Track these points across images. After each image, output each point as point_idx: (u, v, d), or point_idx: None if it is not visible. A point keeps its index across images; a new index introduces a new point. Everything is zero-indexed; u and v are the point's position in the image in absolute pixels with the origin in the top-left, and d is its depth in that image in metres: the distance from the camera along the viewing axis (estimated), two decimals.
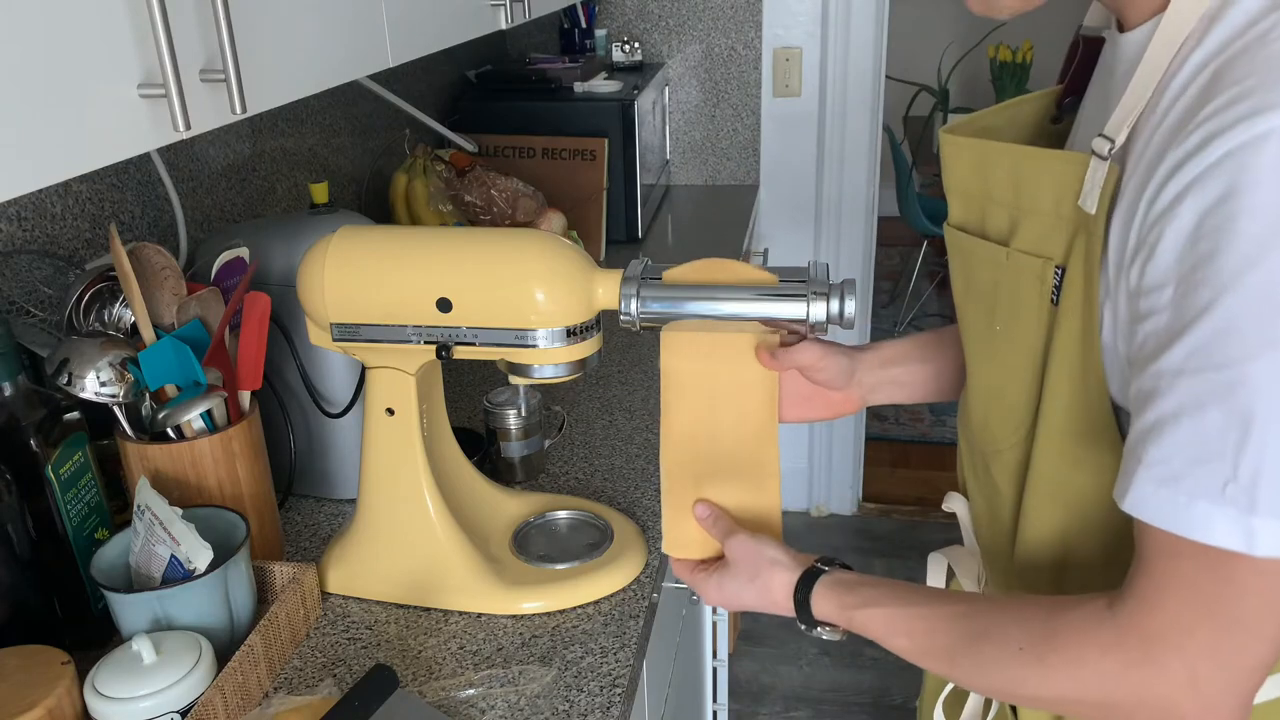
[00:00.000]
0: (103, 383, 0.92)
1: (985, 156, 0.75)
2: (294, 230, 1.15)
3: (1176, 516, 0.58)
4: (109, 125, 0.61)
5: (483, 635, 0.98)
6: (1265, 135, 0.53)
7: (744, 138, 2.62)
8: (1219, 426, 0.56)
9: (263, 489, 1.04)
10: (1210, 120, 0.56)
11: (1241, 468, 0.55)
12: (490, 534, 1.09)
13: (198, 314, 1.01)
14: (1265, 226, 0.53)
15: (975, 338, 0.82)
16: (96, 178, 1.15)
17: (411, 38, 1.03)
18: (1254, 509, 0.55)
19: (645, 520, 1.15)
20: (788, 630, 2.57)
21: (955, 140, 0.77)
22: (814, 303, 0.86)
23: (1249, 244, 0.54)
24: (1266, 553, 0.56)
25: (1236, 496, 0.56)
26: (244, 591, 0.93)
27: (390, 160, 1.88)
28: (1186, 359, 0.57)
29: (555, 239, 0.92)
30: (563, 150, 2.06)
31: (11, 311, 1.04)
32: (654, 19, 2.56)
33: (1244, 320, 0.54)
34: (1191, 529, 0.57)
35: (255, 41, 0.74)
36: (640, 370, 1.54)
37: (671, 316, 0.89)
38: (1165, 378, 0.58)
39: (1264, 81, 0.55)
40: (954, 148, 0.77)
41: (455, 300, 0.90)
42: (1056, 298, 0.70)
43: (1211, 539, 0.57)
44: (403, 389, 0.96)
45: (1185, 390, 0.57)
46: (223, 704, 0.84)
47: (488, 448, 1.25)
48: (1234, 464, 0.55)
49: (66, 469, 0.91)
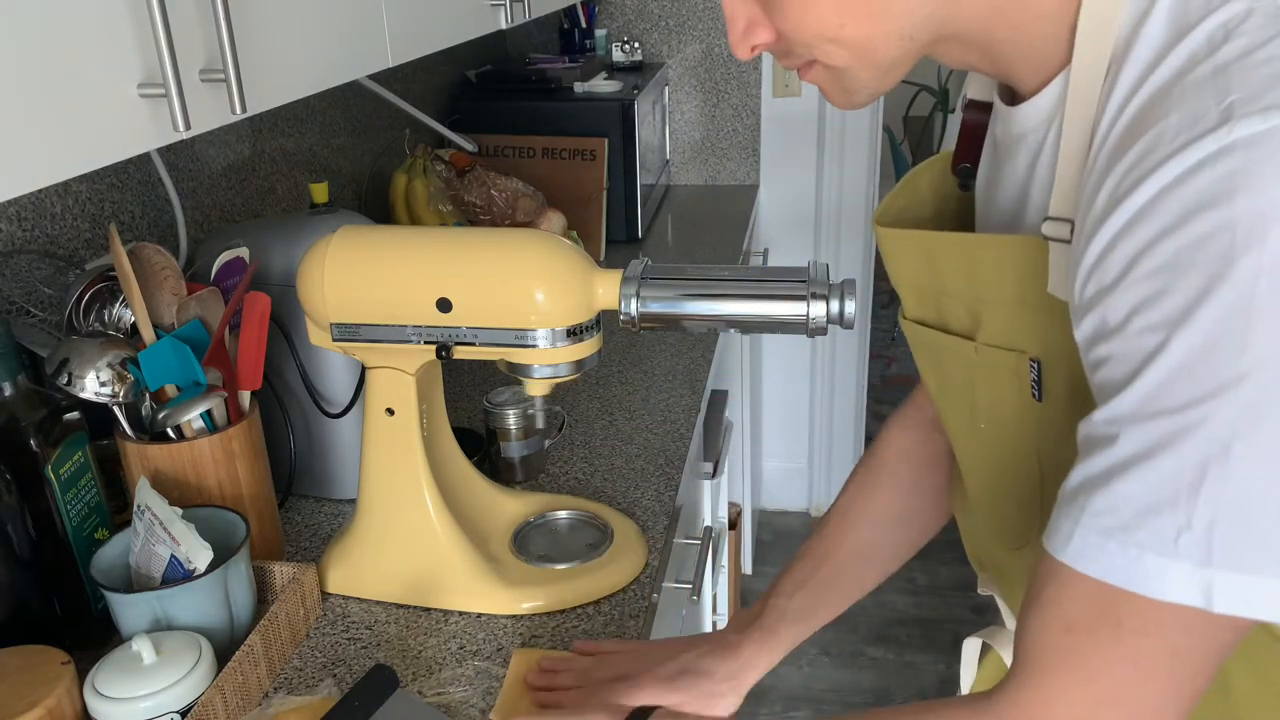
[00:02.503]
0: (103, 383, 0.92)
1: (930, 247, 0.70)
2: (294, 230, 1.15)
3: (1118, 567, 0.54)
4: (109, 125, 0.61)
5: (483, 635, 0.98)
6: (1195, 169, 0.50)
7: (744, 138, 2.62)
8: (1171, 474, 0.52)
9: (263, 489, 1.04)
10: (1138, 164, 0.53)
11: (1196, 517, 0.51)
12: (490, 534, 1.09)
13: (198, 314, 1.01)
14: (1208, 267, 0.50)
15: (962, 436, 0.78)
16: (96, 178, 1.15)
17: (411, 38, 1.03)
18: (1209, 561, 0.51)
19: (645, 520, 1.15)
20: None
21: (892, 234, 0.72)
22: (814, 303, 0.86)
23: (1194, 285, 0.50)
24: (1224, 608, 0.52)
25: (1191, 547, 0.52)
26: (244, 591, 0.93)
27: (390, 160, 1.88)
28: (1139, 405, 0.53)
29: (555, 239, 0.92)
30: (563, 150, 2.06)
31: (11, 311, 1.04)
32: (654, 19, 2.56)
33: (1195, 363, 0.51)
34: (1145, 583, 0.53)
35: (255, 41, 0.74)
36: (640, 370, 1.54)
37: (672, 317, 0.89)
38: (1116, 424, 0.54)
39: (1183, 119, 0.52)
40: (890, 241, 0.72)
41: (455, 300, 0.90)
42: (1038, 393, 0.67)
43: (1165, 594, 0.53)
44: (403, 389, 0.96)
45: (1137, 437, 0.53)
46: (223, 704, 0.84)
47: (488, 448, 1.25)
48: (1188, 513, 0.52)
49: (66, 469, 0.91)
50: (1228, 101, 0.50)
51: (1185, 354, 0.51)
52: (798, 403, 2.89)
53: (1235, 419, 0.50)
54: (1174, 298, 0.51)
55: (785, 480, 2.98)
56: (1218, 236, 0.49)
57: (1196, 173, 0.50)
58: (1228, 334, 0.50)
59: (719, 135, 2.62)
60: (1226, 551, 0.51)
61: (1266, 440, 0.50)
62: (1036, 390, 0.67)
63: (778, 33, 0.64)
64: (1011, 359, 0.67)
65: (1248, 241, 0.48)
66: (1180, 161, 0.51)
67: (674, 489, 1.22)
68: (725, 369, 2.10)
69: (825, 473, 2.94)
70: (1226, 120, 0.50)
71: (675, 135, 2.63)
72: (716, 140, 2.63)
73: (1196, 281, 0.50)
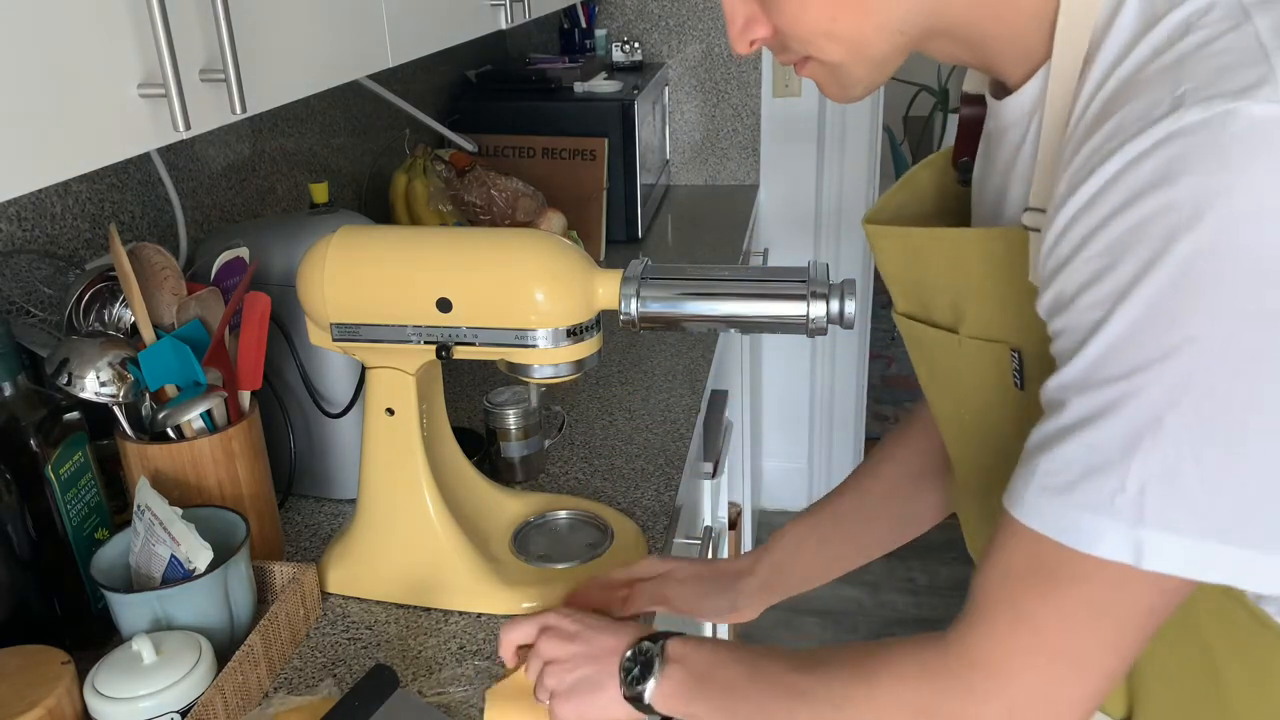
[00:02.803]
0: (103, 383, 0.92)
1: (915, 243, 0.72)
2: (294, 230, 1.15)
3: (1060, 524, 0.57)
4: (109, 125, 0.61)
5: (483, 635, 0.98)
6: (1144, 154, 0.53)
7: (744, 138, 2.62)
8: (1110, 438, 0.55)
9: (263, 489, 1.04)
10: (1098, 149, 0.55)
11: (1130, 480, 0.55)
12: (490, 534, 1.09)
13: (198, 314, 1.01)
14: (1149, 246, 0.52)
15: (950, 426, 0.80)
16: (96, 178, 1.15)
17: (411, 38, 1.03)
18: (1141, 521, 0.55)
19: (645, 520, 1.15)
20: (787, 629, 2.57)
21: (878, 230, 0.74)
22: (814, 302, 0.86)
23: (1136, 263, 0.53)
24: (1152, 566, 0.55)
25: (1125, 507, 0.55)
26: (244, 591, 0.93)
27: (390, 160, 1.88)
28: (1084, 374, 0.56)
29: (555, 239, 0.92)
30: (563, 150, 2.06)
31: (11, 311, 1.04)
32: (654, 19, 2.56)
33: (1133, 336, 0.54)
34: (1079, 539, 0.56)
35: (255, 41, 0.74)
36: (640, 370, 1.54)
37: (672, 317, 0.89)
38: (1064, 391, 0.58)
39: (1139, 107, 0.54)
40: (878, 238, 0.75)
41: (455, 300, 0.90)
42: (1020, 381, 0.69)
43: (1097, 550, 0.56)
44: (403, 389, 0.96)
45: (1081, 403, 0.56)
46: (223, 704, 0.84)
47: (488, 448, 1.25)
48: (1122, 476, 0.55)
49: (66, 469, 0.91)
50: (1179, 91, 0.53)
51: (1125, 327, 0.54)
52: (798, 403, 2.89)
53: (1167, 390, 0.53)
54: (1118, 274, 0.54)
55: (785, 480, 2.98)
56: (1160, 218, 0.52)
57: (1146, 157, 0.53)
58: (1164, 310, 0.52)
59: (719, 135, 2.62)
60: (1156, 513, 0.54)
61: (1195, 411, 0.53)
62: (1018, 378, 0.69)
63: (775, 28, 0.66)
64: (993, 349, 0.69)
65: (1187, 223, 0.51)
66: (1133, 147, 0.53)
67: (674, 489, 1.22)
68: (725, 369, 2.10)
69: (825, 473, 2.94)
70: (1176, 109, 0.52)
71: (675, 135, 2.62)
72: (716, 140, 2.63)
73: (1138, 259, 0.53)
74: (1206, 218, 0.51)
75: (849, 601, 2.66)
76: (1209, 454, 0.53)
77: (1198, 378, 0.53)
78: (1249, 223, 0.50)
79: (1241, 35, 0.53)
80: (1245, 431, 0.53)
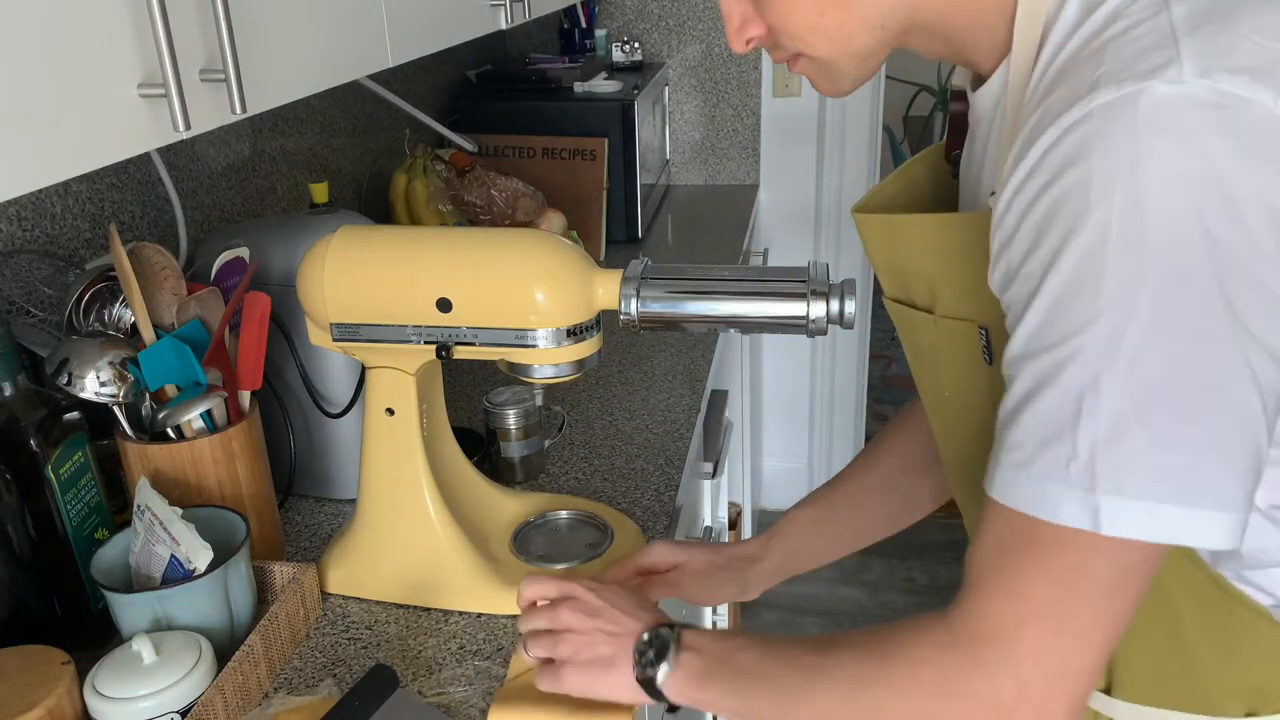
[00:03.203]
0: (103, 383, 0.92)
1: (894, 230, 0.76)
2: (294, 230, 1.15)
3: (1026, 496, 0.59)
4: (109, 125, 0.61)
5: (483, 635, 0.98)
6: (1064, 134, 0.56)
7: (744, 138, 2.62)
8: (1056, 406, 0.57)
9: (263, 489, 1.04)
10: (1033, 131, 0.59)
11: (1079, 446, 0.57)
12: (490, 534, 1.09)
13: (198, 314, 1.01)
14: (1068, 218, 0.56)
15: (932, 404, 0.83)
16: (96, 178, 1.15)
17: (411, 38, 1.03)
18: (1094, 487, 0.56)
19: (645, 520, 1.15)
20: (787, 629, 2.57)
21: (863, 218, 0.78)
22: (814, 302, 0.86)
23: (1059, 234, 0.56)
24: (1111, 531, 0.56)
25: (1079, 475, 0.57)
26: (244, 591, 0.93)
27: (390, 160, 1.88)
28: (1025, 344, 0.59)
29: (555, 239, 0.92)
30: (563, 150, 2.06)
31: (11, 311, 1.04)
32: (654, 19, 2.56)
33: (1062, 303, 0.57)
34: (1045, 509, 0.58)
35: (255, 41, 0.74)
36: (640, 370, 1.54)
37: (672, 317, 0.89)
38: (1013, 364, 0.60)
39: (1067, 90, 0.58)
40: (864, 226, 0.78)
41: (455, 300, 0.90)
42: (989, 356, 0.71)
43: (1060, 519, 0.58)
44: (403, 389, 0.96)
45: (1028, 374, 0.59)
46: (223, 704, 0.84)
47: (488, 448, 1.25)
48: (1073, 442, 0.57)
49: (66, 469, 0.91)
50: (1097, 75, 0.57)
51: (1054, 296, 0.57)
52: (798, 403, 2.89)
53: (1100, 352, 0.56)
54: (1045, 246, 0.57)
55: (785, 480, 2.98)
56: (1077, 191, 0.56)
57: (1066, 135, 0.56)
58: (1086, 276, 0.56)
59: (719, 135, 2.62)
60: (1108, 477, 0.56)
61: (1130, 372, 0.55)
62: (988, 354, 0.72)
63: (768, 27, 0.71)
64: (964, 327, 0.72)
65: (1099, 196, 0.55)
66: (1057, 127, 0.57)
67: (674, 489, 1.22)
68: (725, 369, 2.10)
69: (825, 473, 2.94)
70: (1092, 90, 0.56)
71: (675, 135, 2.62)
72: (716, 140, 2.63)
73: (1060, 231, 0.56)
74: (1117, 189, 0.54)
75: (849, 602, 2.66)
76: (1151, 415, 0.55)
77: (1126, 339, 0.55)
78: (1154, 192, 0.53)
79: (1157, 22, 0.57)
80: (1182, 391, 0.55)
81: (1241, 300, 0.54)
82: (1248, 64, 0.54)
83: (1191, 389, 0.55)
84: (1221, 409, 0.55)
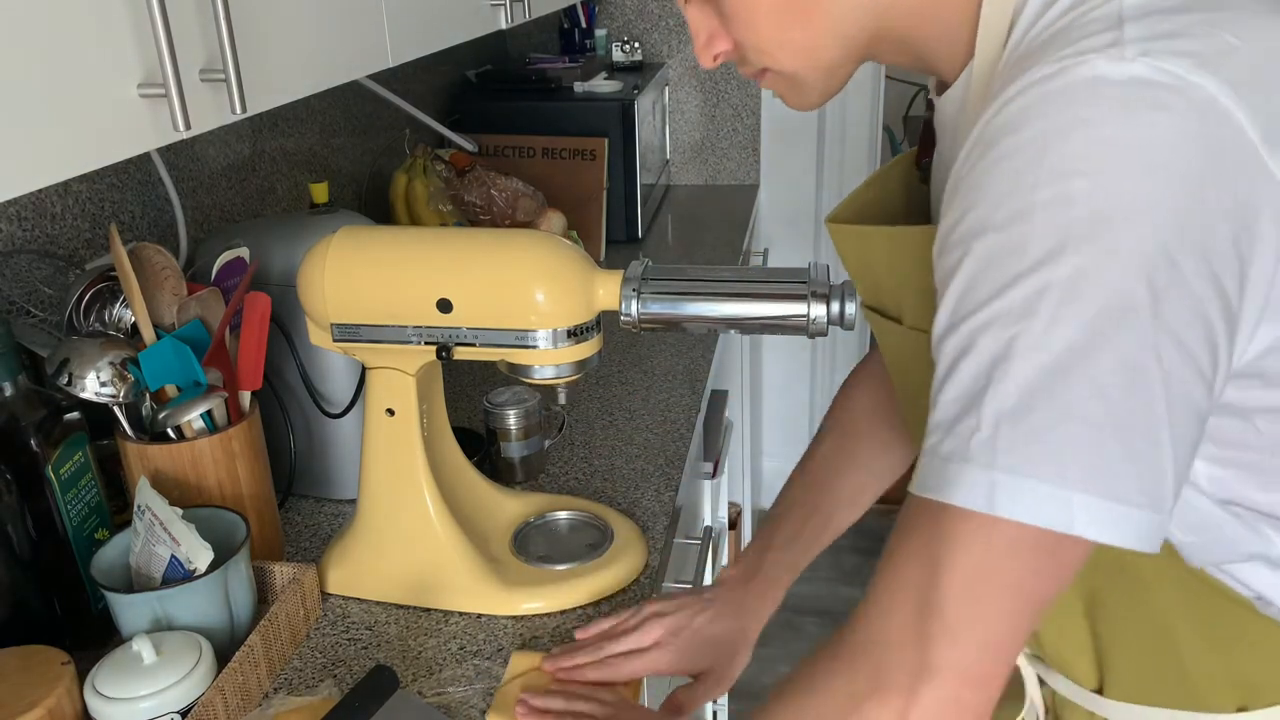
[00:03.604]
0: (103, 383, 0.92)
1: (863, 240, 0.75)
2: (294, 230, 1.15)
3: (931, 479, 0.56)
4: (109, 125, 0.61)
5: (483, 635, 0.98)
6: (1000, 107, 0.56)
7: (744, 138, 2.62)
8: (971, 377, 0.54)
9: (263, 489, 1.04)
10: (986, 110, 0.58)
11: (984, 417, 0.53)
12: (490, 534, 1.09)
13: (198, 314, 1.01)
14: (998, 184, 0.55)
15: (910, 412, 0.81)
16: (96, 178, 1.15)
17: (411, 38, 1.03)
18: (993, 463, 0.53)
19: (645, 520, 1.15)
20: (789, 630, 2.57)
21: (835, 229, 0.77)
22: (814, 303, 0.86)
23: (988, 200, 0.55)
24: (1004, 512, 0.52)
25: (980, 450, 0.53)
26: (244, 592, 0.93)
27: (390, 160, 1.88)
28: (949, 317, 0.57)
29: (555, 239, 0.92)
30: (563, 150, 2.06)
31: (11, 311, 1.04)
32: (654, 19, 2.56)
33: (985, 269, 0.54)
34: (940, 489, 0.54)
35: (255, 41, 0.74)
36: (640, 370, 1.54)
37: (672, 318, 0.89)
38: (939, 341, 0.58)
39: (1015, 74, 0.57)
40: (836, 235, 0.77)
41: (455, 301, 0.90)
42: None
43: (952, 497, 0.54)
44: (403, 389, 0.96)
45: (949, 348, 0.56)
46: (223, 704, 0.84)
47: (488, 448, 1.25)
48: (979, 414, 0.54)
49: (66, 469, 0.91)
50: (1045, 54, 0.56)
51: (978, 261, 0.55)
52: (798, 403, 2.89)
53: (1015, 316, 0.53)
54: (975, 213, 0.56)
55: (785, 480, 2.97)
56: (1009, 159, 0.54)
57: (1003, 109, 0.56)
58: (1010, 241, 0.54)
59: (719, 135, 2.62)
60: (1008, 452, 0.53)
61: (1041, 335, 0.52)
62: None
63: (735, 42, 0.71)
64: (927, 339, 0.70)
65: (1029, 160, 0.53)
66: (997, 103, 0.56)
67: (674, 489, 1.22)
68: (725, 369, 2.10)
69: None
70: (1035, 65, 0.55)
71: (675, 135, 2.62)
72: (716, 140, 2.63)
73: (991, 198, 0.55)
74: (1048, 153, 0.53)
75: (849, 602, 2.65)
76: (1064, 388, 0.52)
77: (1043, 303, 0.52)
78: (1085, 159, 0.52)
79: (1108, 7, 0.56)
80: (1098, 365, 0.52)
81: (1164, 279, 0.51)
82: (1193, 49, 0.53)
83: (1108, 365, 0.52)
84: (1139, 393, 0.52)
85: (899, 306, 0.74)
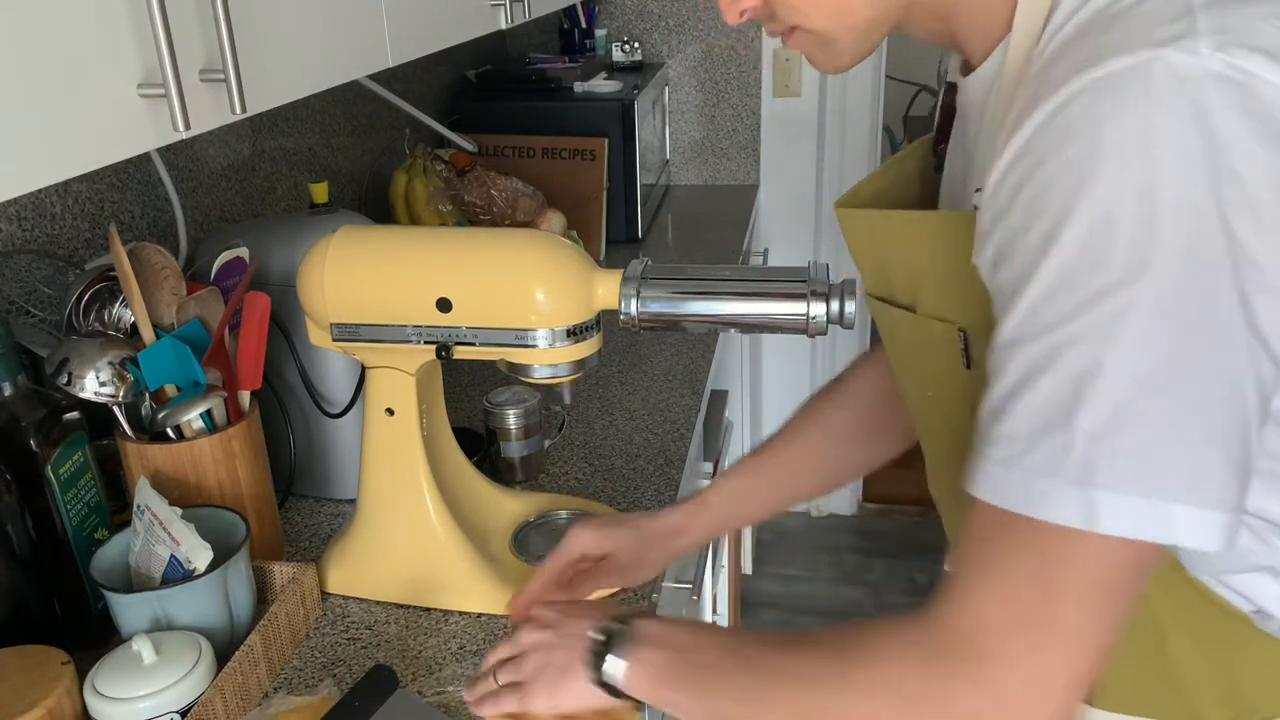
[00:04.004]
0: (102, 383, 0.92)
1: (875, 226, 0.73)
2: (294, 230, 1.15)
3: (1015, 493, 0.55)
4: (109, 125, 0.61)
5: (483, 635, 0.98)
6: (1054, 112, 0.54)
7: (744, 138, 2.62)
8: (1052, 393, 0.54)
9: (263, 489, 1.04)
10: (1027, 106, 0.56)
11: (1076, 436, 0.53)
12: (490, 534, 1.09)
13: (197, 314, 1.01)
14: (1060, 198, 0.53)
15: (915, 403, 0.80)
16: (96, 178, 1.15)
17: (411, 38, 1.03)
18: (1091, 481, 0.53)
19: None
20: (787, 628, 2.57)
21: (845, 213, 0.75)
22: (814, 302, 0.86)
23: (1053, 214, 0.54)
24: (1109, 530, 0.53)
25: (1075, 468, 0.53)
26: (244, 591, 0.93)
27: (390, 160, 1.88)
28: (1018, 329, 0.56)
29: (555, 239, 0.92)
30: (563, 150, 2.06)
31: (11, 311, 1.04)
32: (654, 19, 2.56)
33: (1059, 284, 0.53)
34: (1033, 506, 0.55)
35: (255, 41, 0.74)
36: (640, 370, 1.54)
37: (672, 317, 0.89)
38: (1006, 349, 0.56)
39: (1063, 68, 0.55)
40: (846, 220, 0.76)
41: (455, 300, 0.90)
42: (967, 361, 0.69)
43: (1050, 516, 0.54)
44: (403, 389, 0.96)
45: (1020, 361, 0.55)
46: (223, 704, 0.84)
47: (488, 448, 1.25)
48: (1069, 433, 0.53)
49: (66, 469, 0.91)
50: (1106, 44, 0.54)
51: (1053, 275, 0.54)
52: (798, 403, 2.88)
53: (1102, 334, 0.52)
54: (1043, 222, 0.54)
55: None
56: (1081, 164, 0.53)
57: (1067, 106, 0.54)
58: (1090, 254, 0.52)
59: (719, 135, 2.62)
60: (1105, 471, 0.53)
61: (1132, 354, 0.52)
62: (965, 358, 0.69)
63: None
64: (942, 329, 0.70)
65: (1107, 169, 0.52)
66: (1058, 98, 0.54)
67: (674, 489, 1.22)
68: (725, 369, 2.10)
69: None
70: (1099, 59, 0.53)
71: (675, 135, 2.62)
72: (716, 140, 2.63)
73: (1061, 207, 0.53)
74: (1128, 163, 0.51)
75: (849, 602, 2.66)
76: (1157, 403, 0.52)
77: (1132, 320, 0.52)
78: (1168, 168, 0.51)
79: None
80: (1189, 379, 0.52)
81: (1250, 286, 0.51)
82: (1265, 44, 0.52)
83: (1199, 377, 0.52)
84: (1226, 402, 0.53)
85: (913, 295, 0.72)
